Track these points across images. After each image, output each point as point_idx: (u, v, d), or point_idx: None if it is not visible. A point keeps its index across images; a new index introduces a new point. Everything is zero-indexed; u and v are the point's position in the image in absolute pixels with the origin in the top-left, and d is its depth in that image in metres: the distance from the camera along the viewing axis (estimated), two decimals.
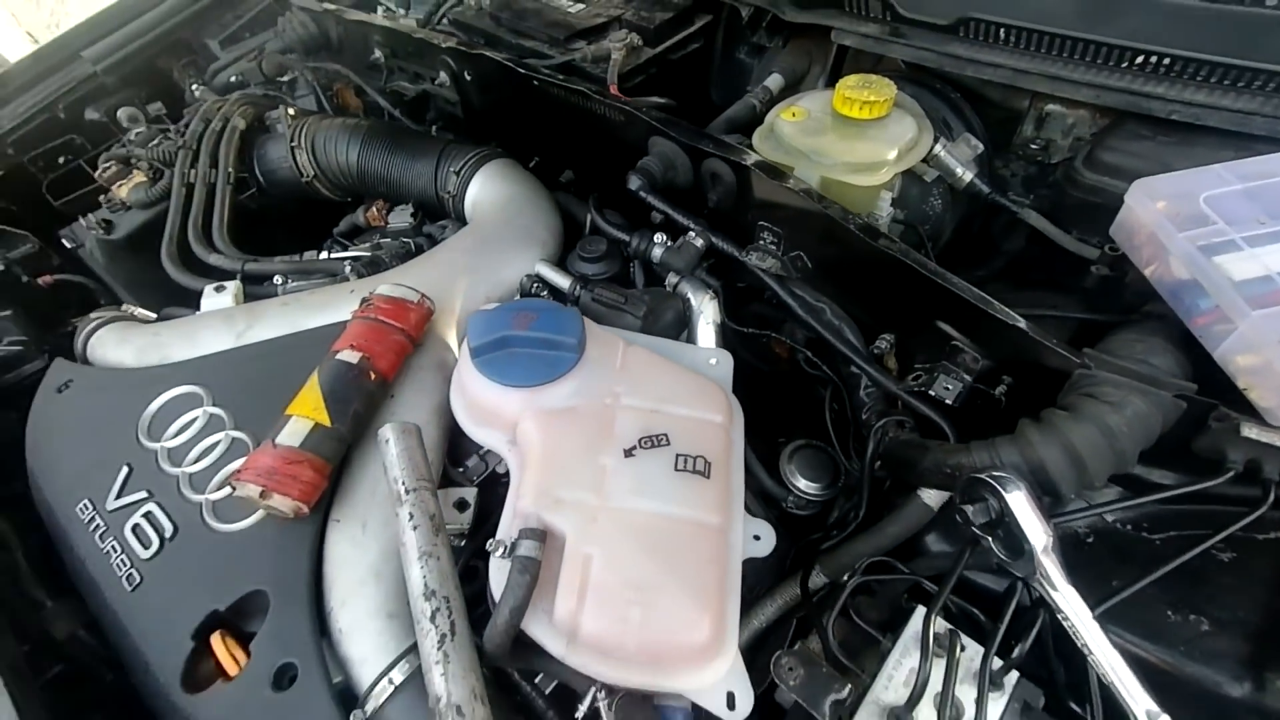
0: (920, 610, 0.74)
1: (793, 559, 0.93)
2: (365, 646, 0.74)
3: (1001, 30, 1.06)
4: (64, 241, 1.36)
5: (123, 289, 1.35)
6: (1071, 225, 1.05)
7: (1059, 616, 0.69)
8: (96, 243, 1.31)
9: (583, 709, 0.74)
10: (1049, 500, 0.79)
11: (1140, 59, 0.96)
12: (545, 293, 1.07)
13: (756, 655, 0.79)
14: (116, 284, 1.35)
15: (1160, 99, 0.94)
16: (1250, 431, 0.73)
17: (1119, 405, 0.74)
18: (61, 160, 1.52)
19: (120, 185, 1.33)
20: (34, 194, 1.50)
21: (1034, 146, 1.15)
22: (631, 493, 0.72)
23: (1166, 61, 0.94)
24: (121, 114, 1.54)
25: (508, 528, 0.73)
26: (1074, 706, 0.75)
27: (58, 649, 0.90)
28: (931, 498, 0.86)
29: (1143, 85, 0.95)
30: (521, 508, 0.71)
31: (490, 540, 0.69)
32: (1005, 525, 0.70)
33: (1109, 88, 0.97)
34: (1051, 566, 0.69)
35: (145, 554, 0.80)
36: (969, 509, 0.72)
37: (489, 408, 0.81)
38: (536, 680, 0.78)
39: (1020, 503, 0.69)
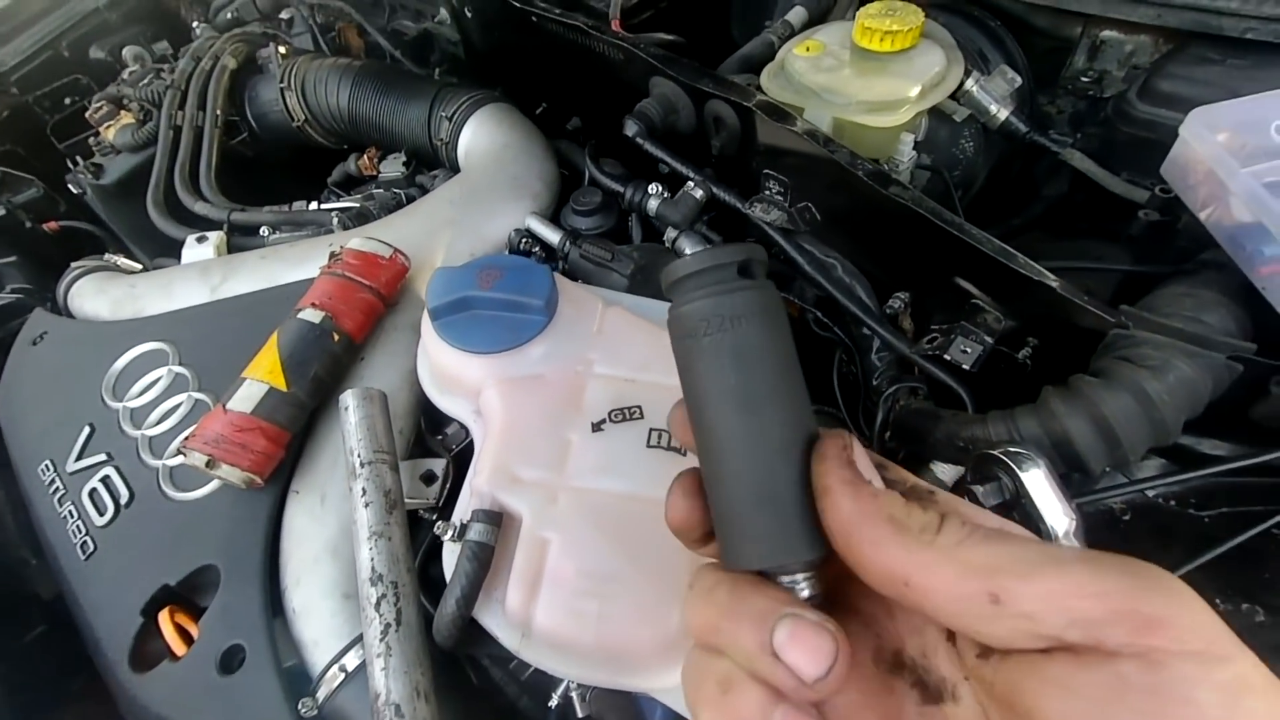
0: None
1: None
2: (319, 629, 0.69)
3: None
4: (70, 187, 1.33)
5: (126, 237, 1.32)
6: (1122, 166, 0.93)
7: None
8: (90, 188, 1.27)
9: (555, 698, 0.70)
10: (1078, 477, 0.70)
11: None
12: (536, 248, 1.00)
13: None
14: (121, 231, 1.32)
15: (1233, 15, 0.80)
16: None
17: (1159, 370, 0.64)
18: (68, 101, 1.49)
19: (108, 127, 1.29)
20: (39, 136, 1.48)
21: (1085, 80, 1.02)
22: (596, 471, 0.65)
23: None
24: (127, 52, 1.48)
25: (464, 508, 0.68)
26: None
27: (44, 608, 0.89)
28: (946, 472, 0.77)
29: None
30: (477, 486, 0.65)
31: (439, 523, 0.64)
32: (1021, 506, 0.62)
33: (1173, 4, 0.84)
34: None
35: (100, 521, 0.77)
36: (979, 489, 0.63)
37: (451, 375, 0.74)
38: (511, 666, 0.73)
39: (1038, 482, 0.60)
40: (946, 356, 0.77)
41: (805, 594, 0.32)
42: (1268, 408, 0.67)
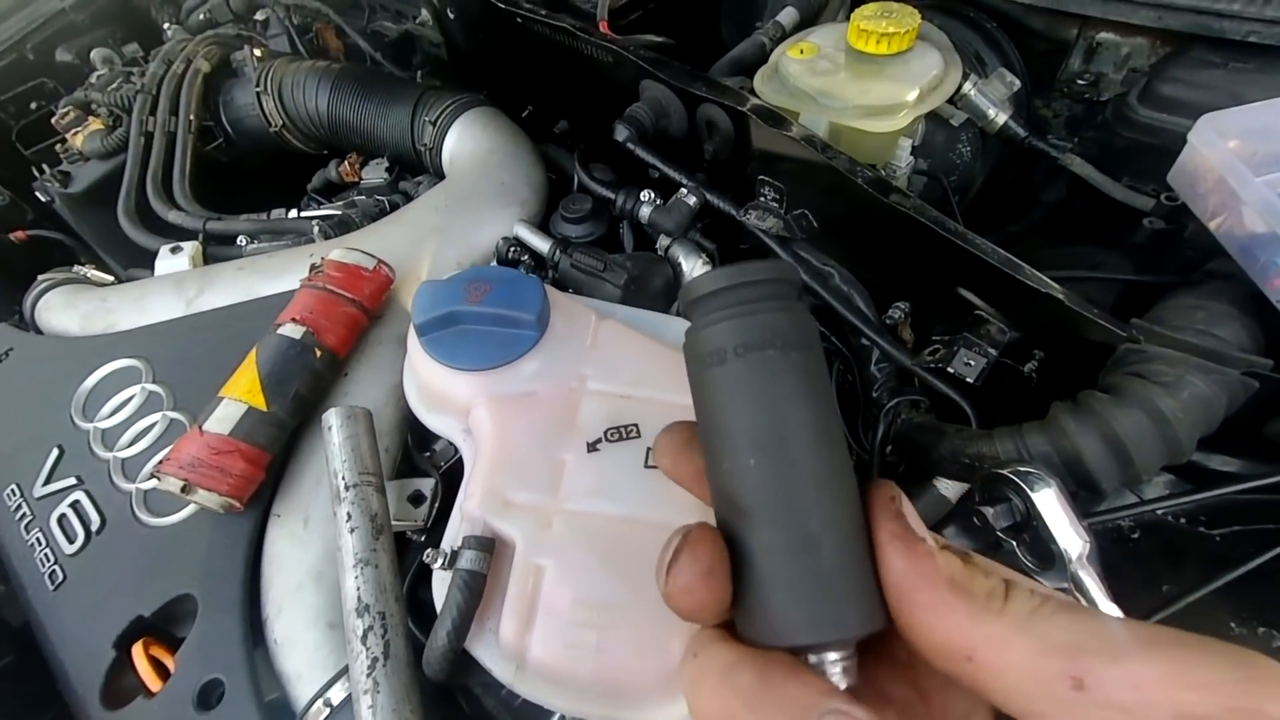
0: None
1: None
2: (302, 661, 0.66)
3: None
4: (37, 195, 1.28)
5: (97, 246, 1.27)
6: (1122, 171, 0.91)
7: None
8: (58, 196, 1.22)
9: None
10: (1086, 496, 0.68)
11: None
12: (525, 257, 0.97)
13: None
14: (92, 241, 1.28)
15: (1235, 17, 0.79)
16: None
17: (1173, 386, 0.62)
18: (34, 106, 1.43)
19: (75, 133, 1.24)
20: (4, 142, 1.41)
21: (1081, 82, 1.01)
22: (592, 494, 0.62)
23: None
24: (95, 55, 1.42)
25: (455, 533, 0.65)
26: None
27: (11, 636, 0.85)
28: (948, 488, 0.75)
29: (1213, 2, 0.80)
30: (468, 511, 0.62)
31: (428, 550, 0.61)
32: (1032, 529, 0.60)
33: (1173, 6, 0.83)
34: (1088, 578, 0.58)
35: (70, 549, 0.73)
36: (989, 511, 0.61)
37: (439, 392, 0.71)
38: (503, 694, 0.70)
39: (1050, 503, 0.58)
40: (949, 369, 0.75)
41: (842, 682, 0.27)
42: None
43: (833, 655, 0.27)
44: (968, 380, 0.74)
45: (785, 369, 0.29)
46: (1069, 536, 0.58)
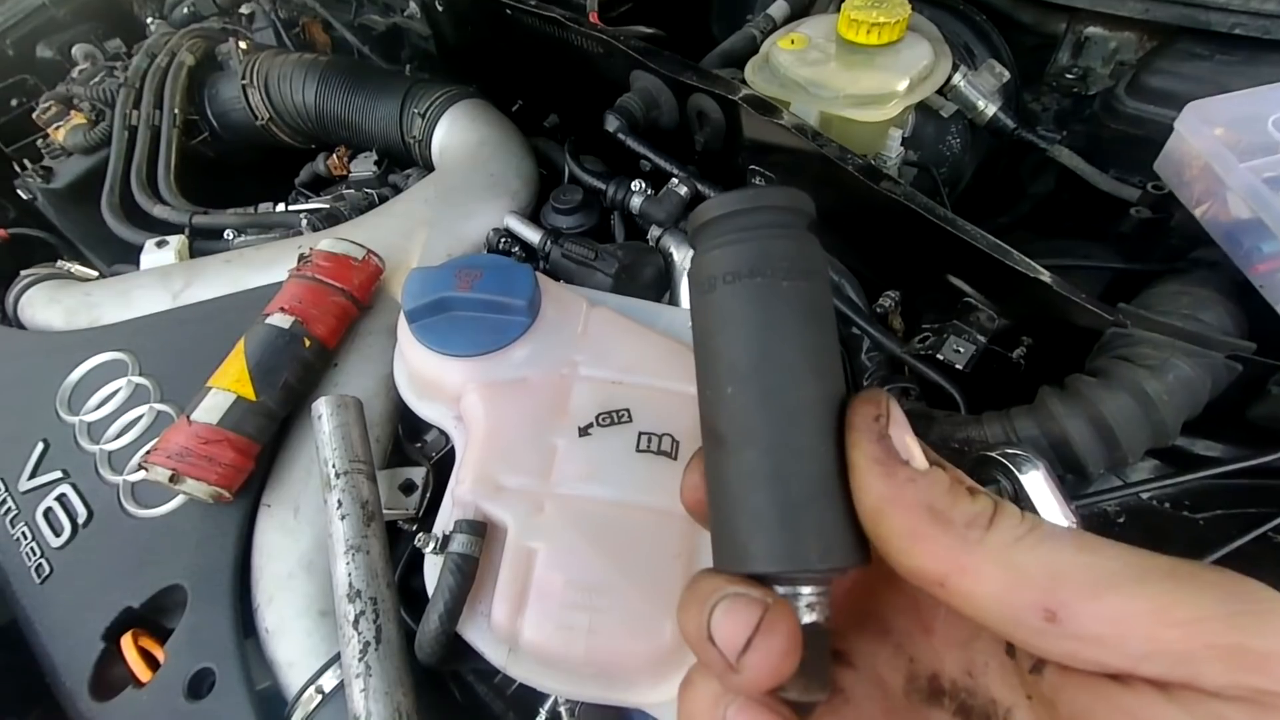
0: None
1: None
2: (294, 649, 0.66)
3: None
4: (19, 192, 1.26)
5: (80, 243, 1.25)
6: (1109, 163, 0.92)
7: None
8: (40, 192, 1.21)
9: (543, 713, 0.67)
10: (1074, 479, 0.69)
11: None
12: (516, 248, 0.97)
13: None
14: (75, 238, 1.26)
15: (1221, 10, 0.79)
16: None
17: (1159, 369, 0.63)
18: (14, 102, 1.41)
19: (57, 128, 1.22)
20: None
21: (1070, 76, 1.01)
22: (584, 478, 0.62)
23: None
24: (77, 51, 1.41)
25: (446, 518, 0.64)
26: None
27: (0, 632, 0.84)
28: None
29: None
30: (459, 495, 0.62)
31: (420, 535, 0.60)
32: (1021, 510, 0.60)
33: None
34: None
35: (57, 542, 0.72)
36: None
37: (430, 379, 0.71)
38: (496, 680, 0.70)
39: (1038, 484, 0.59)
40: (939, 356, 0.76)
41: (806, 616, 0.26)
42: (1266, 408, 0.66)
43: (805, 590, 0.27)
44: (957, 367, 0.75)
45: (771, 297, 0.28)
46: (1056, 517, 0.58)
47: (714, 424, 0.28)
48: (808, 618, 0.26)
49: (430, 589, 0.60)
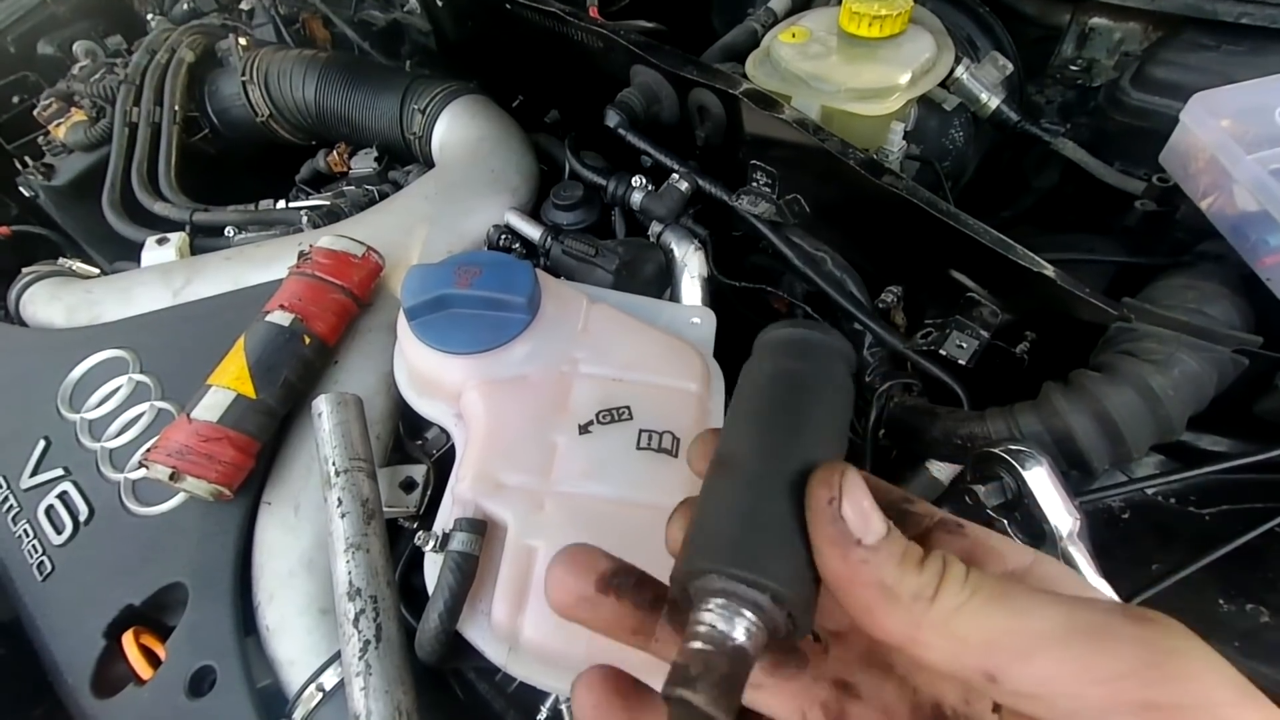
0: None
1: None
2: (294, 646, 0.65)
3: None
4: (20, 189, 1.26)
5: (82, 240, 1.25)
6: (1114, 156, 0.91)
7: None
8: (41, 190, 1.21)
9: (544, 711, 0.67)
10: (1078, 475, 0.68)
11: None
12: (516, 245, 0.96)
13: None
14: (76, 235, 1.26)
15: None
16: None
17: (1164, 364, 0.62)
18: (15, 100, 1.40)
19: (58, 125, 1.22)
20: None
21: (1074, 68, 1.01)
22: (584, 476, 0.62)
23: None
24: (78, 48, 1.40)
25: (446, 516, 0.64)
26: None
27: (2, 630, 0.84)
28: (941, 470, 0.75)
29: None
30: (459, 493, 0.62)
31: (420, 533, 0.60)
32: (1024, 506, 0.60)
33: None
34: (1079, 555, 0.59)
35: (58, 539, 0.72)
36: (980, 489, 0.61)
37: (430, 377, 0.71)
38: (497, 678, 0.70)
39: (1041, 481, 0.59)
40: (942, 351, 0.75)
41: (739, 637, 0.26)
42: (1273, 403, 0.66)
43: (746, 613, 0.27)
44: (960, 363, 0.74)
45: (807, 379, 0.32)
46: (1059, 513, 0.58)
47: (722, 458, 0.31)
48: (739, 638, 0.26)
49: (430, 587, 0.60)
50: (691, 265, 0.88)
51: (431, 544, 0.60)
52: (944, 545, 0.29)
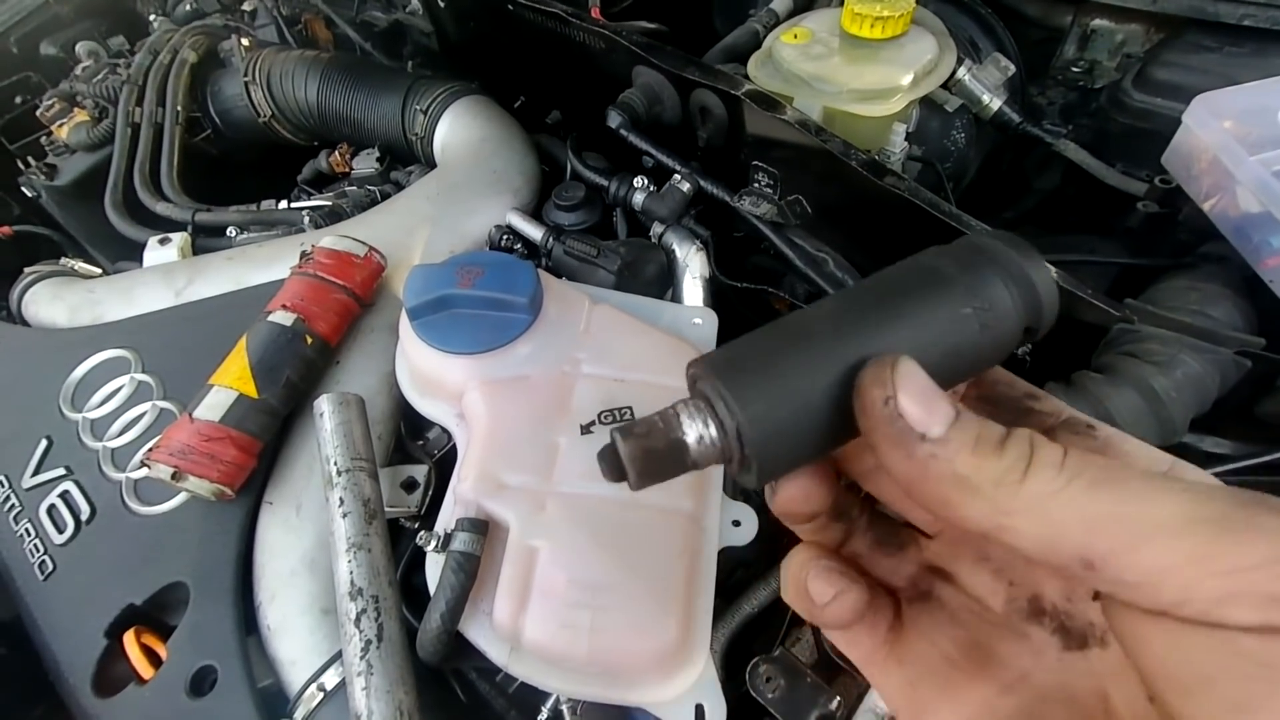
0: None
1: (784, 545, 0.83)
2: (296, 646, 0.66)
3: None
4: (23, 189, 1.26)
5: (84, 240, 1.25)
6: (1116, 158, 0.91)
7: None
8: (44, 190, 1.21)
9: (545, 711, 0.67)
10: None
11: None
12: (518, 245, 0.96)
13: (739, 654, 0.70)
14: (78, 235, 1.26)
15: (1230, 1, 0.79)
16: None
17: (1166, 366, 0.62)
18: (18, 100, 1.41)
19: (60, 125, 1.22)
20: None
21: (1076, 70, 1.01)
22: (586, 476, 0.62)
23: None
24: (80, 48, 1.40)
25: (448, 516, 0.64)
26: None
27: (2, 630, 0.84)
28: None
29: None
30: (461, 493, 0.62)
31: (421, 533, 0.60)
32: None
33: None
34: None
35: (60, 539, 0.72)
36: None
37: (432, 377, 0.71)
38: (498, 678, 0.70)
39: None
40: None
41: (690, 432, 0.26)
42: (1275, 405, 0.65)
43: (710, 422, 0.27)
44: None
45: (948, 287, 0.29)
46: None
47: (810, 306, 0.29)
48: (688, 438, 0.26)
49: (432, 587, 0.60)
50: (693, 266, 0.88)
51: (433, 544, 0.60)
52: (1072, 447, 0.26)
